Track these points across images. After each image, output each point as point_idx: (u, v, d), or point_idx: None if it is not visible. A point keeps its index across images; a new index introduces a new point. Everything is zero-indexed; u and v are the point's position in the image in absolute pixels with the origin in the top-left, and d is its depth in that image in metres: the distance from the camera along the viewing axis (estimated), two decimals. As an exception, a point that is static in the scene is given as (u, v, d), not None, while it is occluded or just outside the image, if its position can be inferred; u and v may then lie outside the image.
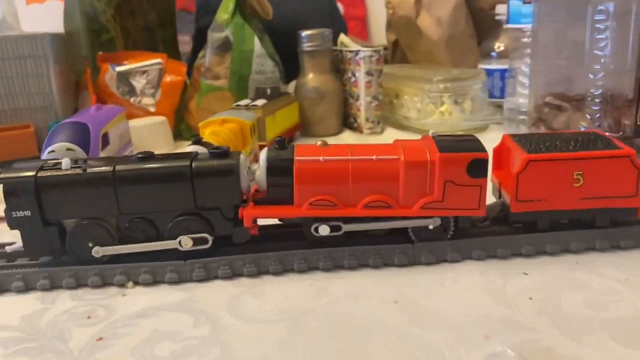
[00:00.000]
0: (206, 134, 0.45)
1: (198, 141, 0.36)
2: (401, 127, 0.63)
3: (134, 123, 0.58)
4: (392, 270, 0.31)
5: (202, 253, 0.31)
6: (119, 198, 0.30)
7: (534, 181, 0.30)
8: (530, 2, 0.53)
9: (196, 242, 0.31)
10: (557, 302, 0.26)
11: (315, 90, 0.63)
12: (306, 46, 0.63)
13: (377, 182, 0.30)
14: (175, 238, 0.31)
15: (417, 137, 0.33)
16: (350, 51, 0.63)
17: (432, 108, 0.59)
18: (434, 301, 0.27)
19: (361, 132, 0.63)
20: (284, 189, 0.30)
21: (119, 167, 0.30)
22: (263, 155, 0.31)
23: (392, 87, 0.65)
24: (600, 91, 0.41)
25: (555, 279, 0.28)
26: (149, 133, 0.60)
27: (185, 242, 0.31)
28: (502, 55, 0.64)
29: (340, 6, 1.09)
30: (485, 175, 0.30)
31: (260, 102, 0.54)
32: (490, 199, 0.33)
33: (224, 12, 0.62)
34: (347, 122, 0.66)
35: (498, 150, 0.34)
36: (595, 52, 0.41)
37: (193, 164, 0.30)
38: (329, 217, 0.30)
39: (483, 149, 0.30)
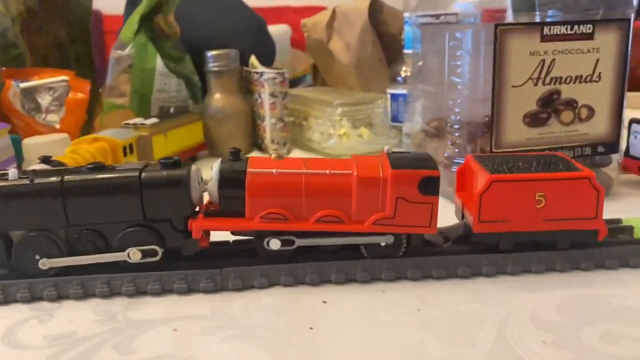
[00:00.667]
0: (65, 153, 0.44)
1: (46, 160, 0.36)
2: (308, 149, 0.63)
3: (35, 140, 0.57)
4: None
5: (153, 267, 0.30)
6: (67, 209, 0.30)
7: (497, 202, 0.30)
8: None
9: (145, 254, 0.30)
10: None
11: (221, 110, 0.63)
12: (212, 66, 0.63)
13: (329, 196, 0.30)
14: (124, 250, 0.30)
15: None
16: (256, 72, 0.64)
17: (332, 131, 0.59)
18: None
19: (268, 153, 0.63)
20: (236, 201, 0.30)
21: (67, 178, 0.30)
22: (216, 166, 0.31)
23: (301, 109, 0.66)
24: (458, 117, 0.42)
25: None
26: (49, 150, 0.58)
27: (134, 254, 0.30)
28: (407, 80, 0.65)
29: (288, 29, 1.10)
30: (437, 193, 0.30)
31: (151, 120, 0.54)
32: (453, 220, 0.34)
33: (128, 31, 0.62)
34: (257, 142, 0.66)
35: (461, 171, 0.34)
36: (453, 79, 0.42)
37: (142, 175, 0.30)
38: (281, 230, 0.30)
39: (435, 167, 0.30)
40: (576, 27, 0.39)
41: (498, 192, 0.30)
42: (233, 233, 0.32)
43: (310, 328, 0.26)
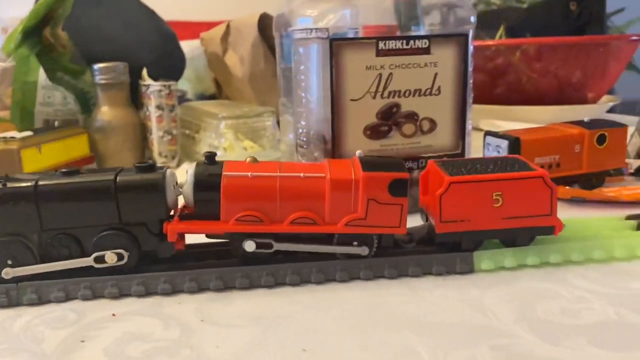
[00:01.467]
0: None
1: None
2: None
3: None
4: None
5: (124, 270, 0.30)
6: (42, 214, 0.30)
7: (456, 202, 0.31)
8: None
9: (120, 258, 0.30)
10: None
11: (109, 123, 0.62)
12: (99, 79, 0.62)
13: (304, 199, 0.31)
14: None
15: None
16: (144, 85, 0.63)
17: (217, 144, 0.59)
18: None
19: (158, 166, 0.62)
20: (211, 204, 0.30)
21: (41, 182, 0.30)
22: (191, 170, 0.31)
23: (193, 122, 0.66)
24: (305, 130, 0.42)
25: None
26: None
27: (110, 258, 0.30)
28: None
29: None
30: (406, 195, 0.31)
31: (24, 134, 0.53)
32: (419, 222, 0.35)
33: (9, 43, 0.61)
34: (148, 155, 0.65)
35: (424, 176, 0.35)
36: (299, 92, 0.42)
37: (117, 178, 0.30)
38: (257, 233, 0.31)
39: (404, 170, 0.31)
40: (412, 42, 0.40)
41: (457, 193, 0.31)
42: (207, 236, 0.32)
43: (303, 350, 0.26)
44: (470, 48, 0.43)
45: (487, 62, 0.78)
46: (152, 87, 0.62)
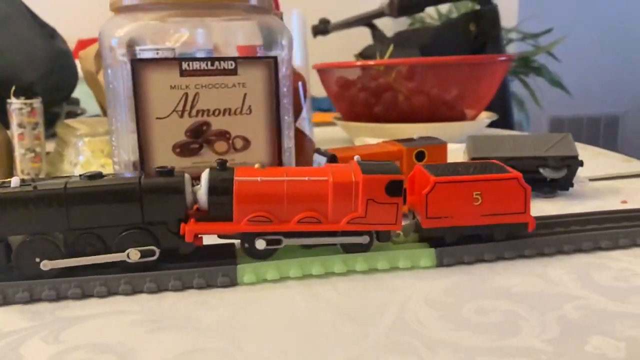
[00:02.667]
0: None
1: None
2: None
3: None
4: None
5: (149, 266, 0.33)
6: (70, 214, 0.32)
7: (440, 200, 0.35)
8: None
9: (143, 254, 0.32)
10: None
11: (-28, 141, 0.62)
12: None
13: (309, 200, 0.33)
14: (123, 251, 0.32)
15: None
16: (8, 103, 0.63)
17: (77, 160, 0.60)
18: None
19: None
20: (224, 206, 0.33)
21: (70, 185, 0.32)
22: (205, 175, 0.33)
23: (63, 139, 0.66)
24: (116, 150, 0.43)
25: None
26: None
27: (134, 255, 0.32)
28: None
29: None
30: (401, 195, 0.34)
31: None
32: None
33: None
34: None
35: (411, 178, 0.38)
36: (110, 112, 0.43)
37: (142, 181, 0.32)
38: (267, 232, 0.33)
39: (399, 172, 0.34)
40: (217, 63, 0.42)
41: (441, 192, 0.35)
42: (219, 236, 0.35)
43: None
44: (284, 70, 0.45)
45: (371, 81, 0.81)
46: (13, 105, 0.62)
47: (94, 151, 0.60)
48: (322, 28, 1.57)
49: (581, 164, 0.50)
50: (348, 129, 0.83)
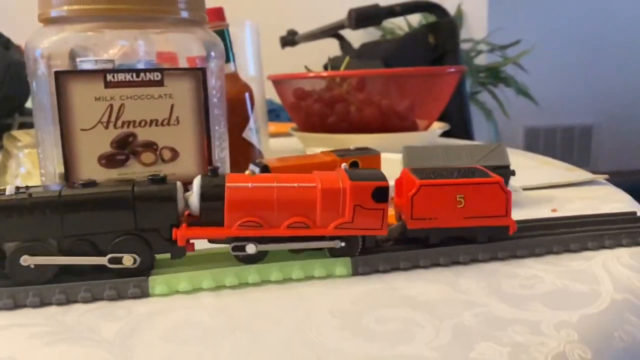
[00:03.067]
0: None
1: None
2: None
3: None
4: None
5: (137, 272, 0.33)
6: (64, 221, 0.32)
7: (425, 202, 0.36)
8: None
9: (135, 260, 0.33)
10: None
11: None
12: None
13: (298, 206, 0.34)
14: (117, 257, 0.33)
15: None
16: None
17: (17, 172, 0.59)
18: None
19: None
20: (216, 212, 0.34)
21: (64, 193, 0.32)
22: (197, 182, 0.34)
23: (10, 151, 0.66)
24: (42, 162, 0.43)
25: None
26: None
27: (127, 260, 0.33)
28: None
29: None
30: (387, 201, 0.35)
31: None
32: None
33: None
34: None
35: (399, 182, 0.39)
36: (36, 124, 0.43)
37: (135, 189, 0.33)
38: (257, 237, 0.34)
39: (385, 179, 0.35)
40: (143, 74, 0.42)
41: (426, 195, 0.36)
42: (210, 241, 0.35)
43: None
44: (213, 82, 0.45)
45: (325, 92, 0.81)
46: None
47: (34, 163, 0.59)
48: (290, 39, 1.58)
49: (513, 173, 0.50)
50: (303, 139, 0.84)
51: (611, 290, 0.32)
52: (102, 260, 0.33)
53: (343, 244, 0.35)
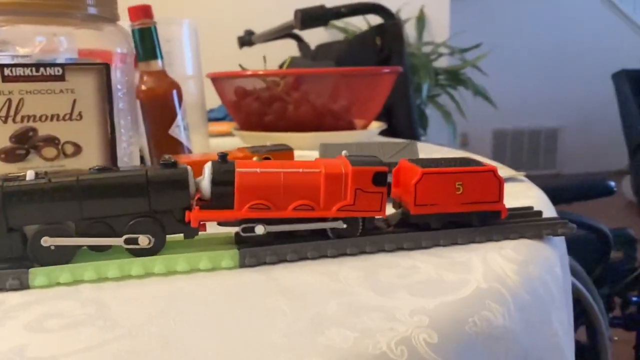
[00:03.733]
0: None
1: None
2: None
3: None
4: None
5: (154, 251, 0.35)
6: (82, 204, 0.34)
7: (427, 189, 0.38)
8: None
9: (151, 241, 0.35)
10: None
11: None
12: None
13: (303, 189, 0.37)
14: (133, 238, 0.35)
15: None
16: None
17: None
18: None
19: None
20: (226, 196, 0.36)
21: (81, 177, 0.34)
22: (208, 167, 0.36)
23: None
24: None
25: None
26: None
27: (142, 241, 0.35)
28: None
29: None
30: (385, 185, 0.38)
31: None
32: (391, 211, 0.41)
33: None
34: None
35: (396, 172, 0.42)
36: None
37: (148, 173, 0.35)
38: (265, 218, 0.36)
39: (384, 164, 0.38)
40: (43, 69, 0.42)
41: (428, 182, 0.38)
42: (219, 224, 0.37)
43: None
44: (118, 76, 0.45)
45: (264, 91, 0.82)
46: None
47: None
48: (247, 39, 1.58)
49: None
50: (243, 138, 0.84)
51: (480, 279, 0.33)
52: (119, 241, 0.35)
53: (345, 225, 0.38)
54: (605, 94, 3.47)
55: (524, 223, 0.41)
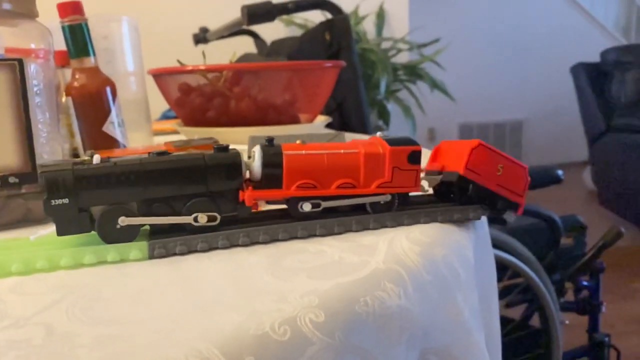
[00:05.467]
0: None
1: None
2: None
3: None
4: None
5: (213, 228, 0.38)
6: (146, 186, 0.36)
7: (478, 159, 0.41)
8: None
9: (209, 219, 0.38)
10: None
11: None
12: None
13: (345, 169, 0.40)
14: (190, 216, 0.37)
15: None
16: None
17: None
18: None
19: None
20: (275, 176, 0.38)
21: (144, 161, 0.36)
22: (258, 150, 0.38)
23: None
24: None
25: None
26: None
27: (202, 218, 0.37)
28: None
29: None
30: (420, 163, 0.41)
31: None
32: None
33: None
34: None
35: (435, 151, 0.46)
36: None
37: (206, 157, 0.37)
38: (311, 196, 0.39)
39: (418, 144, 0.41)
40: (-50, 65, 0.41)
41: (481, 153, 0.41)
42: (267, 202, 0.41)
43: None
44: (34, 71, 0.45)
45: (206, 87, 0.82)
46: None
47: None
48: (202, 37, 1.57)
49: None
50: (187, 135, 0.84)
51: (380, 261, 0.34)
52: (188, 219, 0.37)
53: (388, 198, 0.41)
54: (566, 86, 3.56)
55: (437, 208, 0.43)
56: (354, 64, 1.11)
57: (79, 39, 0.62)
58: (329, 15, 1.14)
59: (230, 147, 0.39)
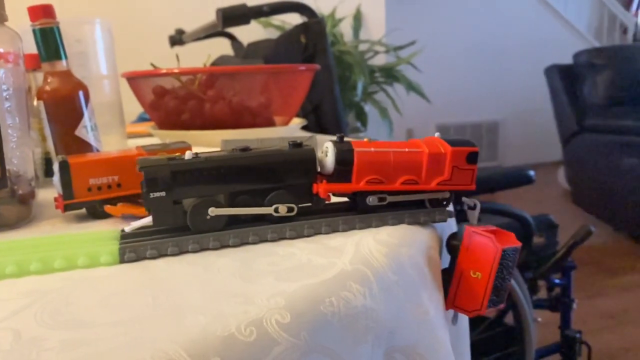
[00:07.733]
0: None
1: None
2: None
3: None
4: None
5: (291, 219, 0.40)
6: (232, 180, 0.39)
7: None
8: None
9: (289, 210, 0.40)
10: None
11: None
12: None
13: (409, 166, 0.42)
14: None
15: None
16: None
17: None
18: None
19: None
20: (346, 171, 0.40)
21: (229, 157, 0.39)
22: (331, 147, 0.41)
23: None
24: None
25: None
26: None
27: (282, 209, 0.40)
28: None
29: None
30: (476, 162, 0.43)
31: None
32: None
33: None
34: None
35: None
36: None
37: (285, 153, 0.40)
38: (377, 190, 0.41)
39: (476, 145, 0.42)
40: None
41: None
42: (334, 194, 0.42)
43: None
44: (2, 73, 0.45)
45: (181, 89, 0.82)
46: None
47: None
48: (178, 38, 1.57)
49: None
50: (162, 137, 0.84)
51: (346, 262, 0.35)
52: (269, 210, 0.40)
53: (447, 195, 0.43)
54: (541, 87, 3.62)
55: (405, 211, 0.44)
56: (330, 67, 1.12)
57: (50, 43, 0.62)
58: (305, 18, 1.15)
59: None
